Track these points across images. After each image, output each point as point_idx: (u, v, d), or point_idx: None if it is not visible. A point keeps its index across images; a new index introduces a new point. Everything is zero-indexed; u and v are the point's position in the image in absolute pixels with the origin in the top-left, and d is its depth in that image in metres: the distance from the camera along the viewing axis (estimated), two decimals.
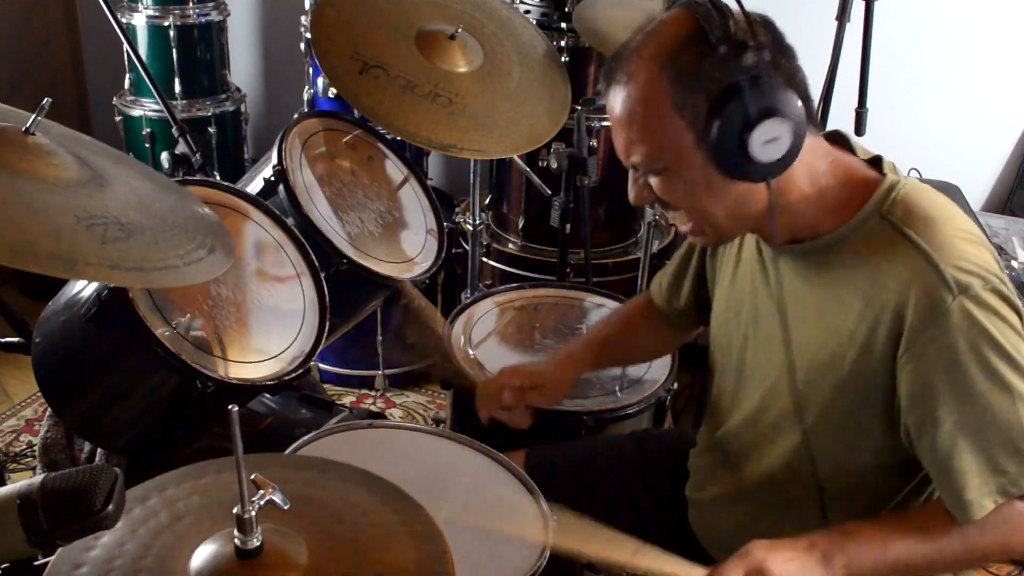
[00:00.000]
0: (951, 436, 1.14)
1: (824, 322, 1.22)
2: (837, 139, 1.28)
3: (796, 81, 1.14)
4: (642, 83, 1.15)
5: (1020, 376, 1.12)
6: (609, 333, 1.70)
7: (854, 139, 1.28)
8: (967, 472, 1.14)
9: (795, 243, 1.25)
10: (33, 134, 1.15)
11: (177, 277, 1.14)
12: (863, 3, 2.28)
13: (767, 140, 1.11)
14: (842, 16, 2.28)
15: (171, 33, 2.88)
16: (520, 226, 2.75)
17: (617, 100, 1.19)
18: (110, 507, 0.85)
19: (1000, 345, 1.11)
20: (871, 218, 1.19)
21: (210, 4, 2.99)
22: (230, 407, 0.86)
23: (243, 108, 3.18)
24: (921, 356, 1.13)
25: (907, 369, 1.15)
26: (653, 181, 1.21)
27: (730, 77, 1.09)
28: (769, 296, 1.31)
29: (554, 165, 2.23)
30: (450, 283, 2.87)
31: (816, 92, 1.27)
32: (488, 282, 2.69)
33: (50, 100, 1.19)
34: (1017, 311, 1.14)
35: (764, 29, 1.14)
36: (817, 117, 1.21)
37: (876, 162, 1.26)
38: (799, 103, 1.12)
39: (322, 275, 1.65)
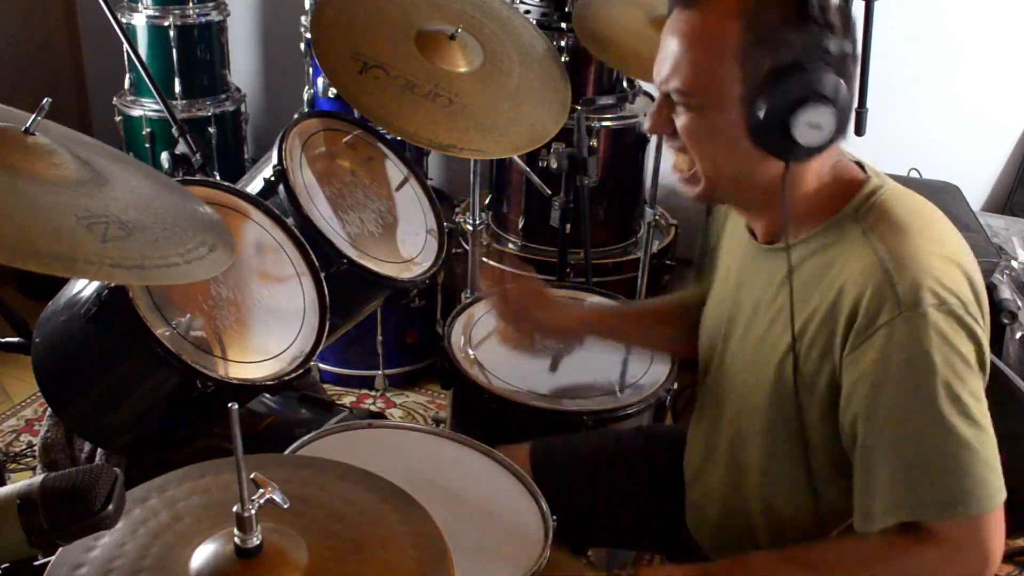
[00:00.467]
0: (872, 444, 1.11)
1: (801, 321, 1.20)
2: None
3: (852, 88, 1.14)
4: (717, 17, 1.13)
5: (953, 406, 1.07)
6: (640, 310, 1.68)
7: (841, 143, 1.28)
8: (879, 484, 1.11)
9: (773, 243, 1.25)
10: (33, 134, 1.15)
11: (178, 275, 1.14)
12: (863, 3, 2.28)
13: (810, 124, 1.10)
14: None
15: (171, 33, 2.88)
16: (520, 226, 2.75)
17: (683, 20, 1.16)
18: (110, 507, 0.85)
19: (937, 370, 1.07)
20: (846, 221, 1.18)
21: (210, 4, 2.99)
22: (230, 405, 0.86)
23: (243, 108, 3.18)
24: (857, 361, 1.11)
25: (848, 370, 1.13)
26: (680, 115, 1.19)
27: (806, 52, 1.09)
28: (754, 291, 1.30)
29: (554, 165, 2.23)
30: (450, 283, 2.87)
31: None
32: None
33: (50, 100, 1.19)
34: (972, 336, 1.09)
35: (852, 28, 1.14)
36: (847, 129, 1.20)
37: (861, 166, 1.25)
38: (849, 104, 1.12)
39: (322, 275, 1.65)
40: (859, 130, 2.15)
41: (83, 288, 1.48)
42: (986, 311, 1.14)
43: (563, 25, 2.52)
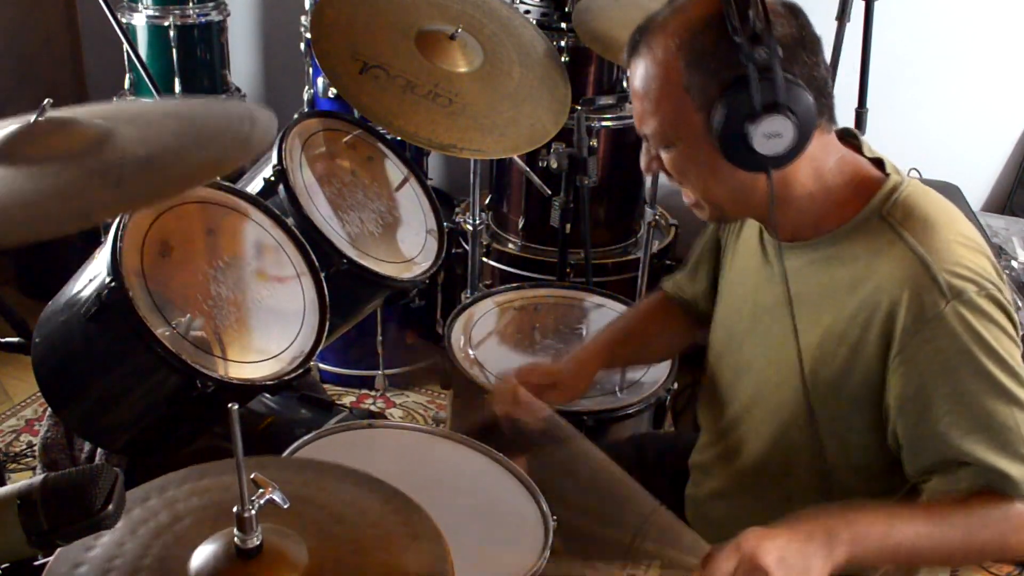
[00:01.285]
0: (944, 432, 1.13)
1: (819, 320, 1.22)
2: (847, 136, 1.28)
3: (814, 76, 1.15)
4: (659, 58, 1.16)
5: (1015, 381, 1.12)
6: (625, 330, 1.67)
7: (863, 138, 1.29)
8: (968, 469, 1.14)
9: (797, 239, 1.26)
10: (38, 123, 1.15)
11: (210, 171, 1.17)
12: (863, 3, 2.28)
13: (768, 134, 1.11)
14: (842, 16, 2.28)
15: (171, 33, 2.88)
16: (520, 226, 2.75)
17: (636, 71, 1.20)
18: (110, 507, 0.85)
19: (994, 350, 1.11)
20: (872, 218, 1.20)
21: (210, 4, 2.99)
22: (230, 405, 0.86)
23: None
24: (913, 359, 1.13)
25: (899, 372, 1.15)
26: (663, 153, 1.23)
27: (740, 67, 1.10)
28: (770, 290, 1.31)
29: (554, 165, 2.23)
30: (450, 283, 2.87)
31: None
32: (488, 282, 2.69)
33: (51, 100, 1.19)
34: (1011, 318, 1.14)
35: (789, 20, 1.14)
36: (834, 112, 1.21)
37: (880, 164, 1.26)
38: (810, 100, 1.12)
39: (322, 275, 1.65)
40: (859, 130, 2.16)
41: (83, 288, 1.48)
42: (1010, 293, 1.18)
43: (563, 25, 2.52)
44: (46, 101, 1.18)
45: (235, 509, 0.89)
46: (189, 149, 1.14)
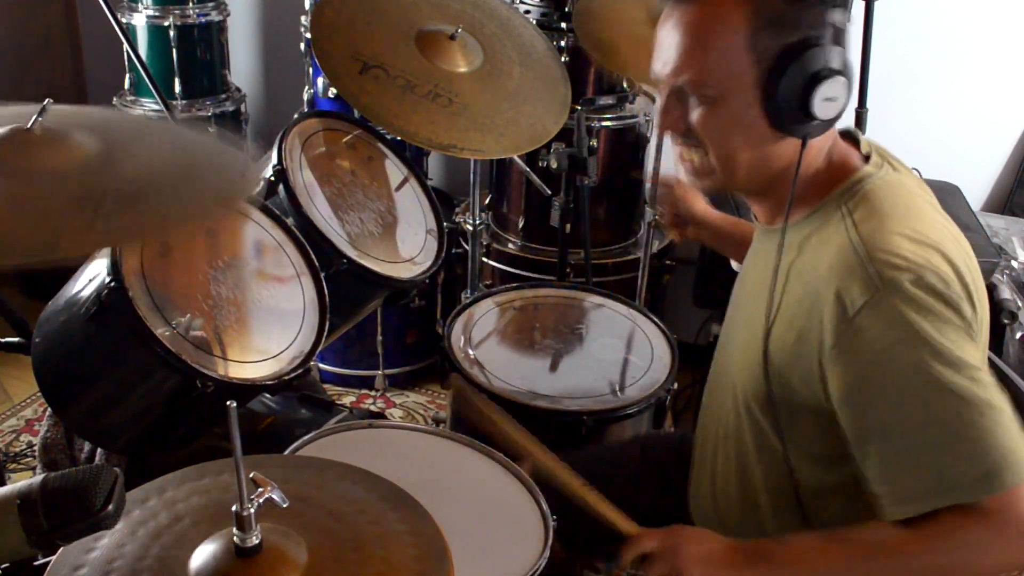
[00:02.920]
0: (887, 432, 1.09)
1: (778, 306, 1.21)
2: (844, 133, 1.28)
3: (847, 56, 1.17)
4: (723, 5, 1.14)
5: (953, 370, 1.05)
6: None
7: (863, 137, 1.28)
8: (907, 470, 1.09)
9: (775, 224, 1.26)
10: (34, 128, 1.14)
11: (180, 216, 1.12)
12: (863, 3, 2.28)
13: (827, 98, 1.12)
14: None
15: (171, 33, 2.88)
16: (520, 226, 2.75)
17: (687, 13, 1.16)
18: (110, 507, 0.85)
19: (927, 340, 1.05)
20: (830, 205, 1.19)
21: (210, 4, 2.99)
22: (229, 404, 0.86)
23: (243, 108, 3.18)
24: (847, 351, 1.10)
25: (836, 365, 1.12)
26: (693, 108, 1.18)
27: (813, 29, 1.10)
28: (755, 272, 1.31)
29: (554, 165, 2.23)
30: (450, 283, 2.87)
31: None
32: (488, 282, 2.69)
33: (51, 101, 1.18)
34: (952, 306, 1.08)
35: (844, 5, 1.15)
36: None
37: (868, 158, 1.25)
38: (853, 72, 1.15)
39: (322, 275, 1.65)
40: (859, 130, 2.16)
41: (83, 288, 1.48)
42: (978, 299, 1.13)
43: (563, 25, 2.52)
44: (46, 101, 1.18)
45: (234, 508, 0.89)
46: (177, 194, 1.10)
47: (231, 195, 1.17)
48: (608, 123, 2.57)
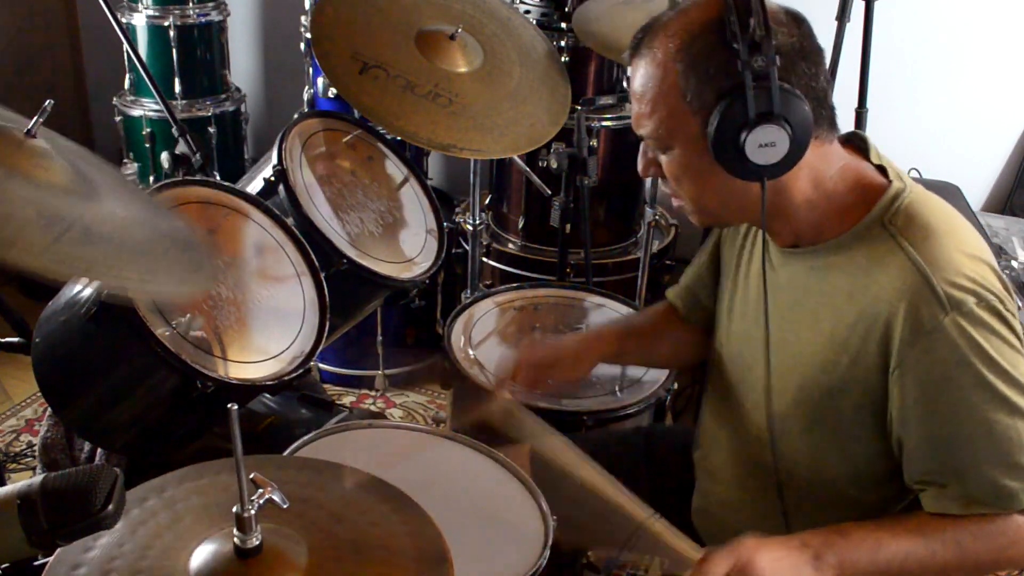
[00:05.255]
0: (947, 440, 1.13)
1: (820, 328, 1.22)
2: (854, 141, 1.27)
3: (812, 86, 1.14)
4: (658, 62, 1.16)
5: (1017, 392, 1.11)
6: (632, 325, 1.67)
7: (872, 143, 1.27)
8: (965, 477, 1.14)
9: (799, 246, 1.25)
10: (34, 136, 1.14)
11: (127, 288, 1.16)
12: (863, 3, 2.28)
13: (762, 144, 1.11)
14: (842, 16, 2.28)
15: (171, 33, 2.88)
16: (520, 226, 2.75)
17: (636, 71, 1.20)
18: (110, 507, 0.85)
19: (994, 361, 1.10)
20: (873, 226, 1.19)
21: (210, 4, 2.99)
22: (230, 405, 0.86)
23: (243, 108, 3.18)
24: (913, 370, 1.13)
25: (899, 384, 1.15)
26: (660, 157, 1.22)
27: (737, 75, 1.09)
28: (772, 297, 1.30)
29: (554, 165, 2.23)
30: (450, 283, 2.87)
31: None
32: (488, 282, 2.69)
33: (52, 102, 1.18)
34: (1013, 329, 1.13)
35: (791, 28, 1.13)
36: (835, 122, 1.20)
37: (883, 170, 1.25)
38: (806, 110, 1.11)
39: (322, 275, 1.65)
40: (859, 130, 2.15)
41: (83, 288, 1.48)
42: (1013, 303, 1.17)
43: (563, 25, 2.52)
44: (48, 103, 1.18)
45: (235, 509, 0.89)
46: (129, 259, 1.12)
47: (187, 283, 1.18)
48: (608, 123, 2.57)
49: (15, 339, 1.94)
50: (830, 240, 1.21)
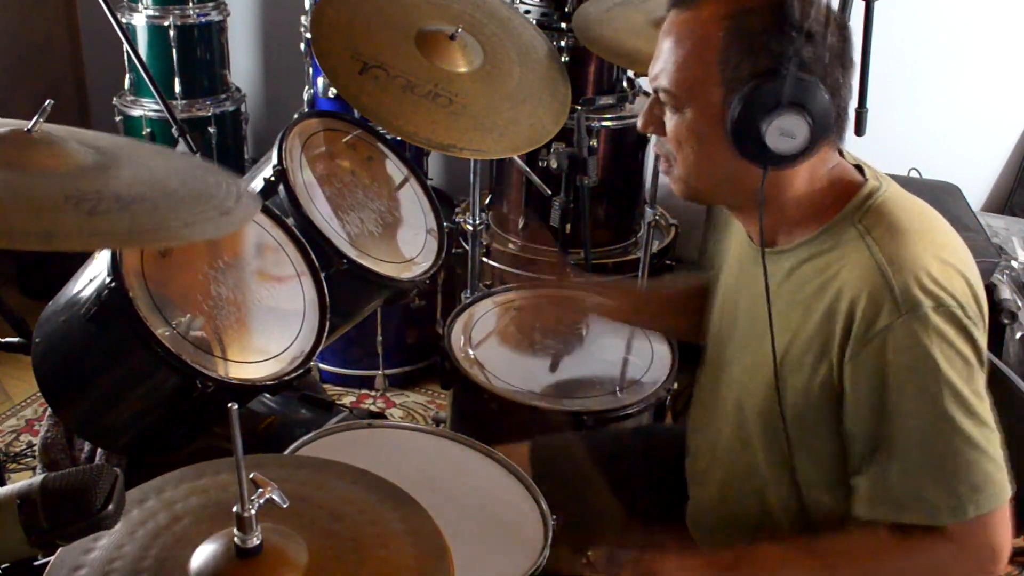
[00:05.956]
0: (880, 443, 1.12)
1: (789, 326, 1.21)
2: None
3: (840, 94, 1.14)
4: (703, 20, 1.14)
5: (958, 405, 1.09)
6: (661, 294, 1.68)
7: (844, 145, 1.26)
8: (889, 479, 1.13)
9: (776, 244, 1.25)
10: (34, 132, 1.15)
11: (170, 236, 1.17)
12: (863, 3, 2.28)
13: (782, 132, 1.10)
14: (842, 16, 2.28)
15: (171, 33, 2.88)
16: (520, 226, 2.75)
17: (674, 21, 1.18)
18: (110, 507, 0.85)
19: (940, 370, 1.08)
20: (844, 223, 1.18)
21: (210, 4, 2.99)
22: (230, 405, 0.86)
23: (243, 108, 3.18)
24: (862, 366, 1.12)
25: (851, 377, 1.14)
26: (668, 115, 1.21)
27: (781, 59, 1.09)
28: (749, 293, 1.30)
29: (554, 165, 2.23)
30: (450, 283, 2.87)
31: None
32: (488, 282, 2.69)
33: (52, 102, 1.19)
34: (970, 339, 1.10)
35: (840, 33, 1.13)
36: (844, 133, 1.20)
37: (860, 169, 1.25)
38: (831, 112, 1.11)
39: (322, 275, 1.65)
40: (859, 130, 2.16)
41: (83, 288, 1.48)
42: (985, 314, 1.15)
43: (563, 25, 2.52)
44: (48, 102, 1.18)
45: (235, 509, 0.89)
46: (169, 209, 1.14)
47: (222, 223, 1.19)
48: (608, 123, 2.57)
49: (15, 339, 1.93)
50: (806, 239, 1.21)
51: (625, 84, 2.67)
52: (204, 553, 0.92)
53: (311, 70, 2.77)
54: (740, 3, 1.12)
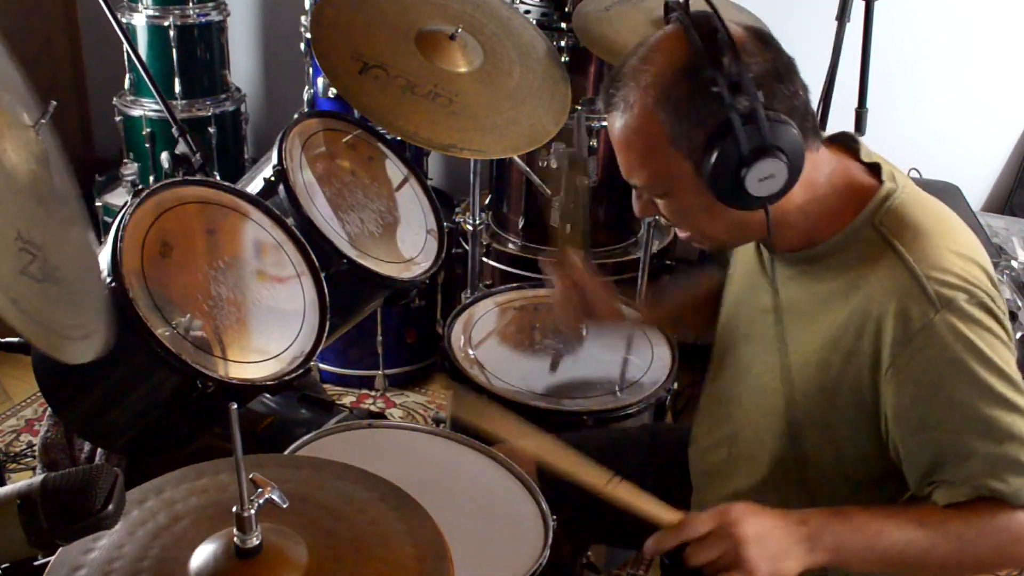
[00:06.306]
0: (943, 441, 1.13)
1: (814, 329, 1.22)
2: (843, 141, 1.27)
3: (795, 104, 1.14)
4: (638, 114, 1.15)
5: (1010, 387, 1.11)
6: (694, 297, 1.67)
7: (862, 141, 1.27)
8: (961, 475, 1.13)
9: (791, 250, 1.25)
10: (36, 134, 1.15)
11: (53, 348, 1.06)
12: (863, 3, 2.28)
13: (762, 178, 1.11)
14: (842, 16, 2.28)
15: (171, 33, 2.88)
16: (520, 226, 2.75)
17: (615, 125, 1.20)
18: (110, 507, 0.85)
19: (987, 357, 1.10)
20: (863, 228, 1.19)
21: (210, 4, 2.99)
22: (230, 405, 0.86)
23: (243, 108, 3.18)
24: (905, 371, 1.12)
25: (892, 384, 1.14)
26: (657, 200, 1.24)
27: (723, 114, 1.09)
28: (766, 297, 1.31)
29: (554, 165, 2.23)
30: (450, 283, 2.87)
31: (816, 92, 1.26)
32: (488, 282, 2.69)
33: (55, 103, 1.19)
34: (1004, 325, 1.13)
35: (761, 52, 1.12)
36: (818, 129, 1.20)
37: (876, 168, 1.25)
38: (795, 134, 1.11)
39: (322, 275, 1.65)
40: (859, 130, 2.16)
41: None
42: (1004, 303, 1.17)
43: (563, 25, 2.52)
44: (51, 104, 1.18)
45: (234, 509, 0.89)
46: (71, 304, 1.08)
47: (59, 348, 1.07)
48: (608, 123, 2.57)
49: (15, 339, 1.93)
50: (822, 243, 1.22)
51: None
52: (204, 553, 0.92)
53: (311, 70, 2.77)
54: (659, 85, 1.13)
